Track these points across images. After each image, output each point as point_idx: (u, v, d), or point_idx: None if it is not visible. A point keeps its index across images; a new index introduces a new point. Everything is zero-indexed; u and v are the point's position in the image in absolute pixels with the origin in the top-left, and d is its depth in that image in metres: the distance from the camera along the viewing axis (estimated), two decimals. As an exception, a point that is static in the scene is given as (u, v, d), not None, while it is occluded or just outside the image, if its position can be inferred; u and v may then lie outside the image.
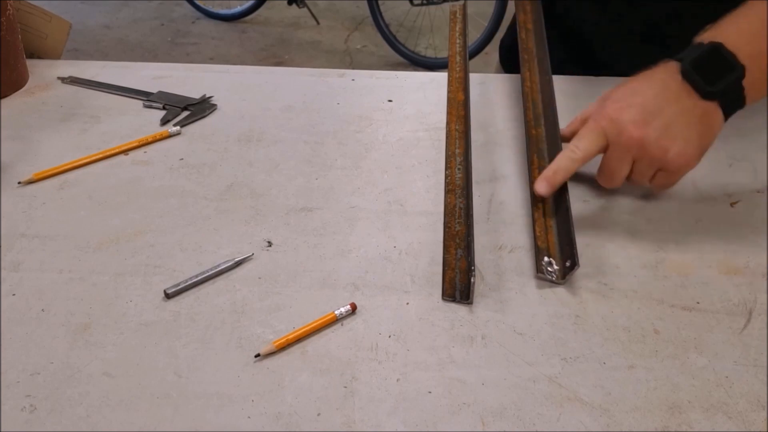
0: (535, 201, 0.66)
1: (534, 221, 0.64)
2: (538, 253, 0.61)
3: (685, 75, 0.62)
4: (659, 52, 0.70)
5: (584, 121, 0.67)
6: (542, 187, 0.64)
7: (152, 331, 0.54)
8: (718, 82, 0.61)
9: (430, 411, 0.48)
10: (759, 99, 0.64)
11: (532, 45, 0.87)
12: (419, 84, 0.92)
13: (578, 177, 0.72)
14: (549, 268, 0.59)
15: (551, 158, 0.70)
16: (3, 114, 0.83)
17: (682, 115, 0.62)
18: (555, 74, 0.82)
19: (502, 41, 1.10)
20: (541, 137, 0.74)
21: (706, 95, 0.62)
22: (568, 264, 0.59)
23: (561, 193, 0.65)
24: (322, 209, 0.68)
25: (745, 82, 0.61)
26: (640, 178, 0.65)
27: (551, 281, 0.59)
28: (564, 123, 0.74)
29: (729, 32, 0.62)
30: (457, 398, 0.49)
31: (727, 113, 0.63)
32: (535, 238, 0.62)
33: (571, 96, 0.85)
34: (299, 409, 0.48)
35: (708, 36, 0.63)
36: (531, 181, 0.69)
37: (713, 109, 0.62)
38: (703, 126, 0.62)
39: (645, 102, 0.62)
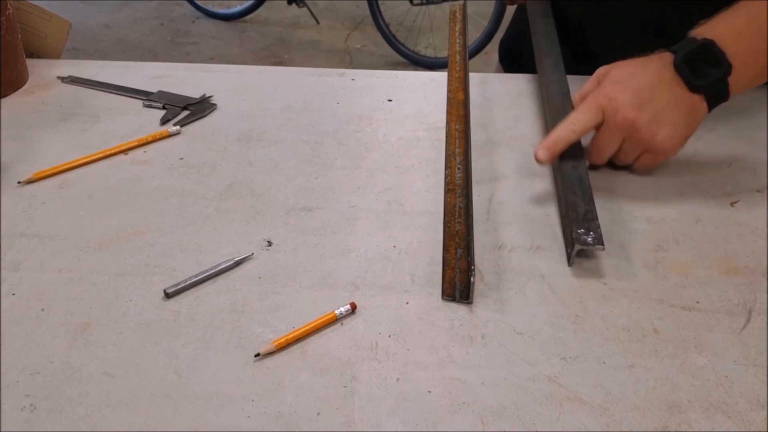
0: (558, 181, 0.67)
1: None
2: (573, 222, 0.61)
3: (677, 67, 0.67)
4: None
5: (583, 98, 0.71)
6: (543, 154, 0.68)
7: (152, 330, 0.54)
8: (706, 77, 0.66)
9: (430, 411, 0.48)
10: (740, 92, 0.68)
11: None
12: (419, 84, 0.92)
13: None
14: (585, 237, 0.59)
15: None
16: (3, 114, 0.83)
17: (672, 104, 0.67)
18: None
19: (502, 41, 1.10)
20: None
21: (693, 88, 0.67)
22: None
23: (579, 172, 0.67)
24: (322, 209, 0.68)
25: (730, 79, 0.66)
26: (625, 158, 0.71)
27: (592, 246, 0.59)
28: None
29: (721, 29, 0.67)
30: (457, 398, 0.49)
31: (711, 105, 0.68)
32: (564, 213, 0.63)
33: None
34: (299, 409, 0.48)
35: (701, 31, 0.67)
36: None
37: (698, 101, 0.67)
38: (689, 116, 0.68)
39: (640, 87, 0.67)
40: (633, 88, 0.67)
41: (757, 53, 0.66)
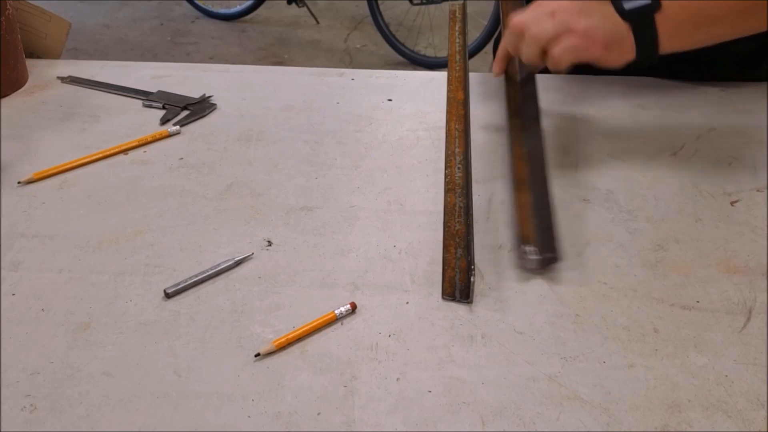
0: (519, 186, 0.67)
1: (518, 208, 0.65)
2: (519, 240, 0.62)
3: None
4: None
5: None
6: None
7: (152, 330, 0.54)
8: (633, 2, 0.70)
9: (430, 410, 0.48)
10: (676, 47, 0.71)
11: None
12: (419, 83, 0.92)
13: (578, 177, 0.72)
14: (531, 257, 0.60)
15: (528, 143, 0.72)
16: (3, 114, 0.83)
17: (603, 9, 0.71)
18: (549, 73, 0.83)
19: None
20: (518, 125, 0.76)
21: (620, 12, 0.70)
22: (549, 256, 0.60)
23: (544, 184, 0.67)
24: (322, 209, 0.68)
25: (657, 17, 0.69)
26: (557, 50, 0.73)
27: (530, 270, 0.60)
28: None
29: None
30: (457, 397, 0.49)
31: (638, 41, 0.70)
32: (517, 224, 0.63)
33: (568, 94, 0.86)
34: (299, 409, 0.48)
35: None
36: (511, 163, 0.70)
37: (625, 28, 0.70)
38: (613, 28, 0.70)
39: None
40: None
41: (689, 4, 0.70)
